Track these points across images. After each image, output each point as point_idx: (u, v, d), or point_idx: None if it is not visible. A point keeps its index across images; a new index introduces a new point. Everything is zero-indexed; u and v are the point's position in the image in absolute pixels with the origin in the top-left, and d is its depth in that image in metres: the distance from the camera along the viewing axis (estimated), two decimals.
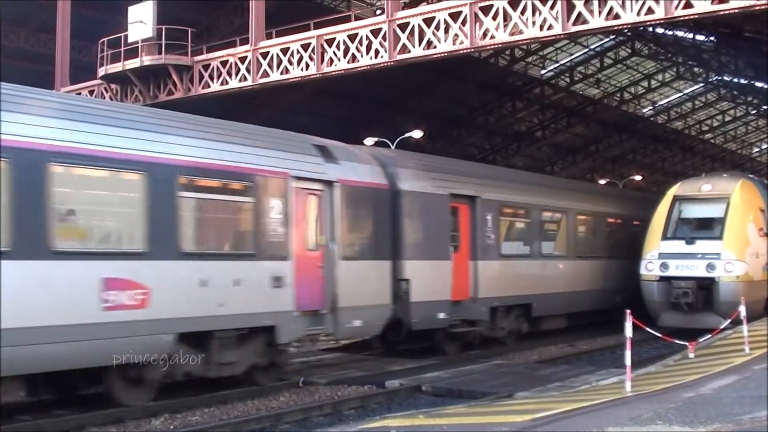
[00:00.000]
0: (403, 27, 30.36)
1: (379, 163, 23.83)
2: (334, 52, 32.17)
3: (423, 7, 32.10)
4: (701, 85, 76.47)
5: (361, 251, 22.03)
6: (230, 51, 35.78)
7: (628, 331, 15.27)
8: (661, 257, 28.64)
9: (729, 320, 22.26)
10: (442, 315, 24.68)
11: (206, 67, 36.39)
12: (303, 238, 20.44)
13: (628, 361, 15.31)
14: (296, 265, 19.92)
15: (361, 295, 21.70)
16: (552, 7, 27.20)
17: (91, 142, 16.02)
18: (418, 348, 25.74)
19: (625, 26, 28.47)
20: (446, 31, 29.60)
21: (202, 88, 36.40)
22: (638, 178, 77.72)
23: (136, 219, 16.71)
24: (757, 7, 24.22)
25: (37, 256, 14.75)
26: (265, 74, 34.10)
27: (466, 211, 26.37)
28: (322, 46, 32.50)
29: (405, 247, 23.64)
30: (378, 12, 37.29)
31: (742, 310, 20.26)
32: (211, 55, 36.58)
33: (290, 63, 33.33)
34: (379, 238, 22.70)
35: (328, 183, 21.10)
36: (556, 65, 67.45)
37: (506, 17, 28.41)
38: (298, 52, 33.08)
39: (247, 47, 34.88)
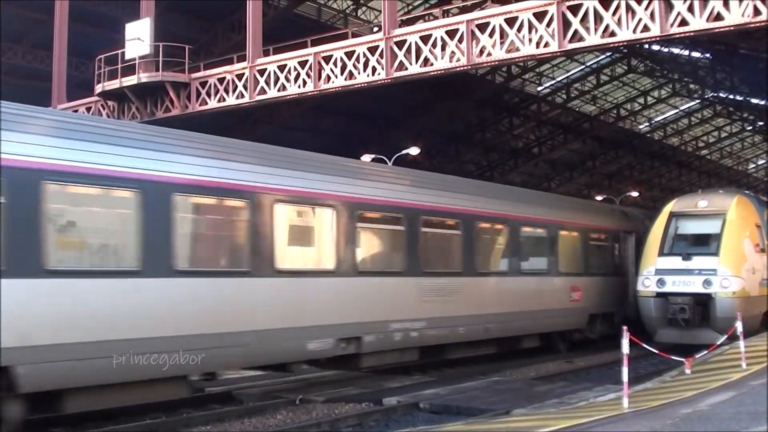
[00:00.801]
0: (400, 44, 30.52)
1: (641, 217, 36.71)
2: (331, 69, 32.32)
3: (420, 25, 32.30)
4: (697, 101, 76.80)
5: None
6: (227, 68, 35.90)
7: (625, 347, 15.27)
8: (658, 273, 28.64)
9: (726, 336, 22.25)
10: None
11: (203, 84, 36.50)
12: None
13: (625, 377, 15.30)
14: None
15: None
16: (548, 25, 27.37)
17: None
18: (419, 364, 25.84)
19: (620, 44, 28.63)
20: (443, 48, 29.74)
21: (200, 105, 36.50)
22: (635, 194, 77.80)
23: (577, 256, 30.88)
24: (752, 25, 24.36)
25: (553, 274, 29.16)
26: (263, 91, 34.22)
27: None
28: (319, 63, 32.65)
29: None
30: (375, 29, 37.32)
31: (739, 326, 20.28)
32: (208, 72, 36.71)
33: (287, 80, 33.48)
34: None
35: (629, 232, 34.43)
36: (553, 82, 67.68)
37: (503, 35, 28.58)
38: (295, 69, 33.22)
39: (244, 64, 35.01)
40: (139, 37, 36.25)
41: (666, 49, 59.94)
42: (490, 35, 28.81)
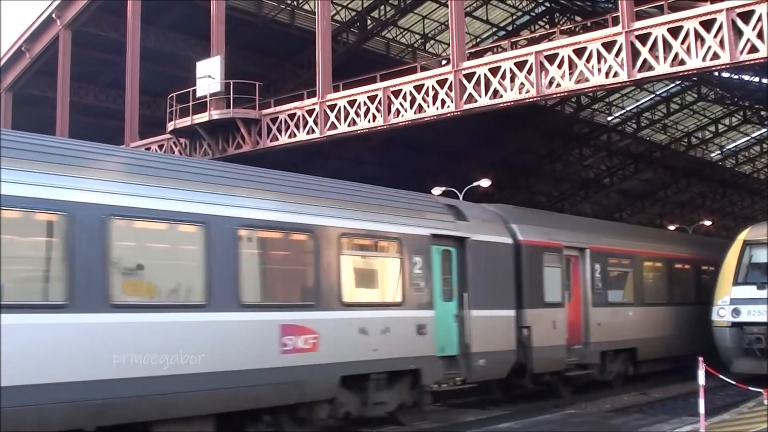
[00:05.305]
0: (469, 77, 30.54)
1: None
2: (400, 103, 32.40)
3: (489, 57, 32.35)
4: None
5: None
6: (297, 104, 36.11)
7: (701, 378, 15.16)
8: (733, 303, 28.23)
9: None
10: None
11: (274, 120, 36.75)
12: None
13: (701, 408, 15.19)
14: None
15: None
16: (617, 55, 27.26)
17: None
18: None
19: (690, 72, 28.37)
20: (512, 80, 29.72)
21: (270, 141, 36.72)
22: (708, 223, 77.16)
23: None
24: None
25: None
26: (333, 126, 34.36)
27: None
28: (388, 97, 32.75)
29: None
30: (444, 62, 37.48)
31: None
32: (278, 108, 36.95)
33: (357, 115, 33.60)
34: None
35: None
36: (623, 111, 67.45)
37: (571, 65, 28.50)
38: (365, 103, 33.35)
39: (314, 100, 35.19)
40: (209, 74, 36.63)
41: (736, 77, 59.48)
42: (559, 66, 28.77)
